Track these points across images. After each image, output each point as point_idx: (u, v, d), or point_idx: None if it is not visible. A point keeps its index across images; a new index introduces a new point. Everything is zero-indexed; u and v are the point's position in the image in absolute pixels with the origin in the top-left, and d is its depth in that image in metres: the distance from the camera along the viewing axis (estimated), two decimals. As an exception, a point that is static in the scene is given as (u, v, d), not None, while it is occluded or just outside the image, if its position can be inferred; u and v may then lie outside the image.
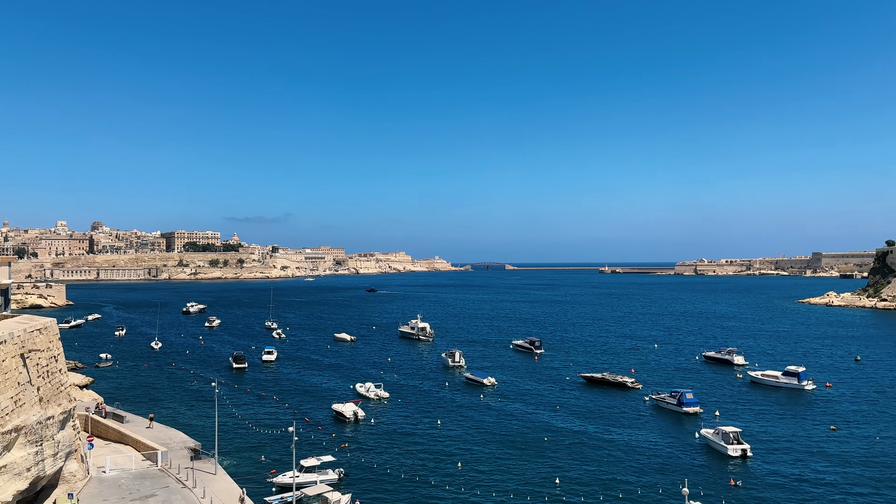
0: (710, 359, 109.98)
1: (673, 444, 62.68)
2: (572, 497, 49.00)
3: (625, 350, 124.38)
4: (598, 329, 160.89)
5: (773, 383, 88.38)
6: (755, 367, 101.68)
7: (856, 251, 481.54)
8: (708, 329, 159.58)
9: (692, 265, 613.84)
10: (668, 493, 48.92)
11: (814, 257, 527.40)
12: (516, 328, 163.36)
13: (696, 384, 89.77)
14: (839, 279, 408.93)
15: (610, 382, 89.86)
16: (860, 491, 49.86)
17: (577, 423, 70.45)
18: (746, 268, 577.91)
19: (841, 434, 65.43)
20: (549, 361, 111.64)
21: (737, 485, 51.24)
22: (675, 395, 76.52)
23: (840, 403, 78.62)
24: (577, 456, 59.05)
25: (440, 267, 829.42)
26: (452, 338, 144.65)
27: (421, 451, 60.89)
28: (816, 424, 69.16)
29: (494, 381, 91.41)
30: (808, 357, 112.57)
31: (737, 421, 69.68)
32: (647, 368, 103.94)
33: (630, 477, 53.39)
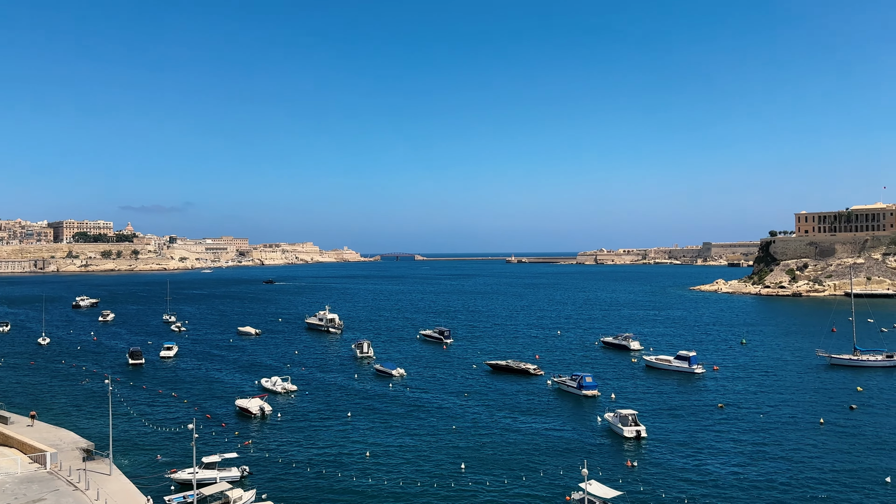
0: (609, 344, 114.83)
1: (575, 427, 65.15)
2: (478, 482, 50.10)
3: (530, 337, 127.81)
4: (505, 318, 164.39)
5: (666, 367, 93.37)
6: (650, 351, 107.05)
7: (742, 241, 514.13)
8: (607, 316, 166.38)
9: (593, 255, 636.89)
10: (570, 474, 50.87)
11: (704, 247, 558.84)
12: (426, 319, 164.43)
13: (595, 368, 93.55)
14: (727, 267, 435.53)
15: (514, 369, 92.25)
16: (747, 463, 53.61)
17: (484, 410, 71.93)
18: (643, 257, 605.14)
19: (728, 411, 70.04)
20: (458, 350, 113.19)
21: (633, 465, 53.88)
22: (575, 379, 79.52)
23: (727, 384, 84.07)
24: (483, 441, 60.34)
25: (349, 258, 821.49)
26: (362, 329, 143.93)
27: (329, 444, 60.45)
28: (706, 404, 73.69)
29: (403, 372, 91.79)
30: (699, 341, 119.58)
31: (632, 403, 73.18)
32: (550, 354, 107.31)
33: (534, 459, 55.12)
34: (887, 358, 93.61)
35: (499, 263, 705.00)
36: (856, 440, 59.65)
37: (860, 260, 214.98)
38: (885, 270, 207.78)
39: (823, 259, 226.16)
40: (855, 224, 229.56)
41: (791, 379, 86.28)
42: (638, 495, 47.05)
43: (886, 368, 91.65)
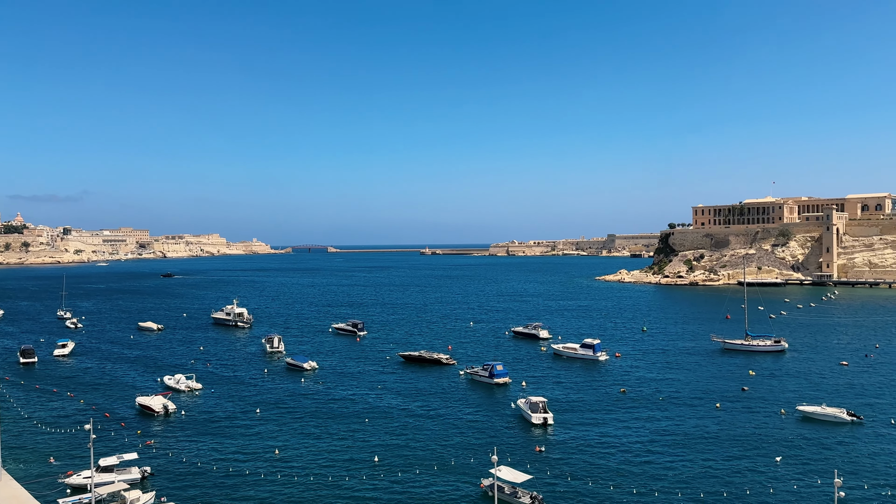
0: (519, 333, 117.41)
1: (487, 415, 66.26)
2: (390, 473, 50.13)
3: (443, 328, 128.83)
4: (419, 309, 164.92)
5: (573, 354, 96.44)
6: (558, 340, 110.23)
7: (644, 233, 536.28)
8: (518, 306, 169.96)
9: (504, 246, 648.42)
10: (481, 462, 51.74)
11: (609, 239, 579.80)
12: (339, 312, 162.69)
13: (506, 357, 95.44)
14: (630, 258, 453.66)
15: (427, 360, 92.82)
16: (647, 445, 56.17)
17: (397, 401, 71.99)
18: (552, 248, 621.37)
19: (630, 396, 73.13)
20: (371, 343, 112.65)
21: (541, 450, 55.42)
22: (486, 368, 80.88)
23: (629, 369, 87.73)
24: (397, 432, 60.41)
25: (258, 250, 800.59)
26: (272, 323, 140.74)
27: (237, 442, 58.83)
28: (609, 389, 76.66)
29: (315, 366, 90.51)
30: (604, 329, 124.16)
31: (541, 390, 75.17)
32: (463, 344, 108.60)
33: (446, 448, 55.69)
34: (775, 343, 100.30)
35: (413, 255, 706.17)
36: (748, 422, 63.63)
37: (752, 251, 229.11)
38: (773, 260, 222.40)
39: (718, 250, 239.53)
40: (747, 217, 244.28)
41: (688, 364, 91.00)
42: (545, 478, 48.45)
43: (774, 353, 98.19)
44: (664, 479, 48.83)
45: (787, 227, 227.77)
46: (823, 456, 53.11)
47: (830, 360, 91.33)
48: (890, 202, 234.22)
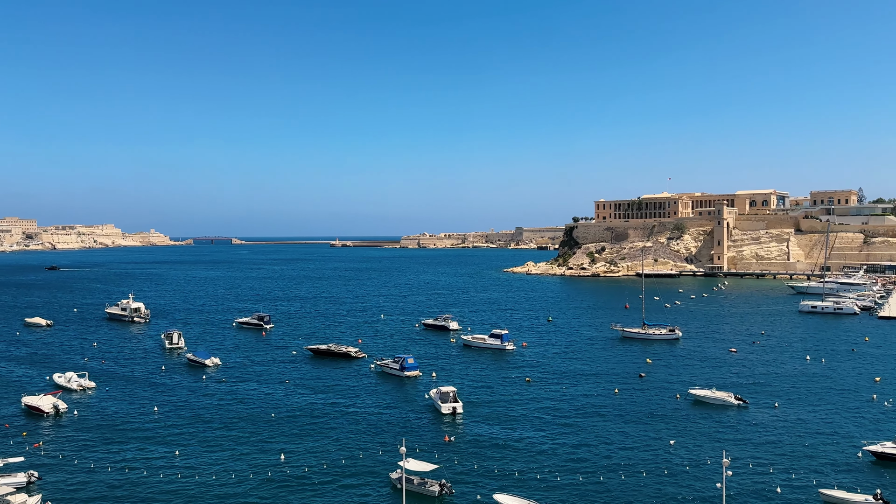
0: (429, 326, 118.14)
1: (397, 407, 66.31)
2: (297, 469, 49.34)
3: (354, 322, 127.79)
4: (328, 302, 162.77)
5: (482, 345, 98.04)
6: (467, 331, 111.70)
7: (550, 226, 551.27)
8: (429, 298, 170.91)
9: (416, 238, 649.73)
10: (389, 454, 51.75)
11: (517, 231, 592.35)
12: (244, 306, 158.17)
13: (416, 349, 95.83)
14: (537, 251, 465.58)
15: (336, 353, 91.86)
16: (551, 432, 57.88)
17: (305, 396, 70.85)
18: (462, 241, 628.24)
19: (535, 385, 75.12)
20: (278, 337, 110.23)
21: (450, 440, 56.07)
22: (397, 361, 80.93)
23: (535, 359, 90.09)
24: (305, 428, 59.47)
25: (157, 241, 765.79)
26: (172, 318, 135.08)
27: (133, 442, 56.18)
28: (515, 378, 78.45)
29: (218, 362, 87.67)
30: (511, 320, 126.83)
31: (452, 380, 75.99)
32: (373, 337, 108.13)
33: (355, 442, 55.33)
34: (669, 332, 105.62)
35: (323, 247, 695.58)
36: (645, 406, 66.76)
37: (649, 243, 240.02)
38: (669, 253, 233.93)
39: (619, 243, 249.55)
40: (645, 211, 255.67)
41: (590, 352, 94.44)
42: (453, 467, 49.08)
43: (669, 340, 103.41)
44: (567, 463, 50.51)
45: (681, 221, 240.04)
46: (713, 437, 56.48)
47: (721, 347, 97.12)
48: (775, 198, 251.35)
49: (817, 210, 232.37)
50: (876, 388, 71.68)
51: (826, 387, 72.76)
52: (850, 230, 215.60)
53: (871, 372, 79.05)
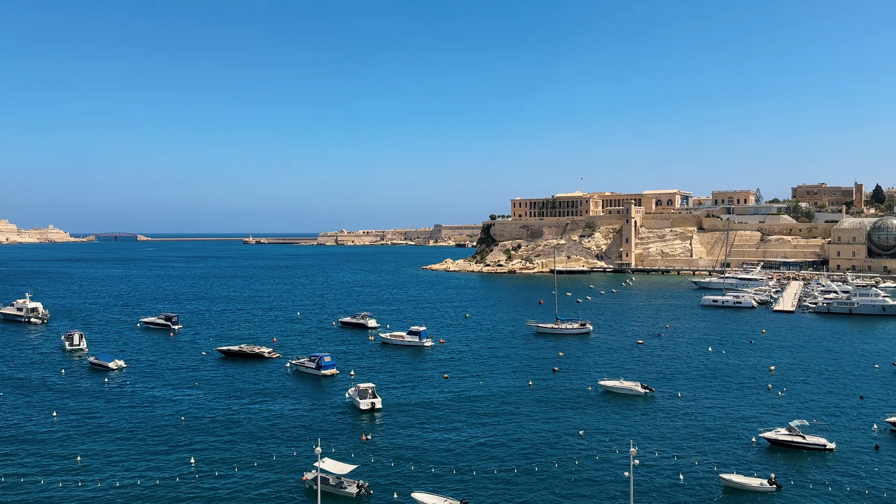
0: (347, 324, 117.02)
1: (314, 407, 65.31)
2: (207, 475, 47.81)
3: (268, 320, 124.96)
4: (242, 301, 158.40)
5: (400, 342, 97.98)
6: (386, 328, 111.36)
7: (468, 224, 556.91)
8: (347, 296, 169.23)
9: (333, 235, 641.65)
10: (304, 455, 50.94)
11: (436, 229, 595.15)
12: (151, 306, 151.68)
13: (333, 348, 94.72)
14: (455, 248, 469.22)
15: (248, 354, 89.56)
16: (468, 426, 58.51)
17: (217, 399, 68.71)
18: (381, 238, 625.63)
19: (452, 381, 75.76)
20: (187, 338, 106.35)
21: (367, 438, 55.77)
22: (314, 360, 79.75)
23: (453, 355, 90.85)
24: (215, 432, 57.69)
25: (56, 238, 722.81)
26: (72, 318, 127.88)
27: (31, 450, 52.84)
28: (433, 375, 78.87)
29: (123, 364, 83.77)
30: (430, 317, 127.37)
31: (370, 378, 75.55)
32: (289, 337, 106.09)
33: (270, 444, 54.13)
34: (581, 326, 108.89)
35: (235, 244, 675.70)
36: (557, 399, 68.56)
37: (562, 241, 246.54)
38: (581, 250, 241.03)
39: (534, 240, 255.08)
40: (559, 209, 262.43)
41: (506, 347, 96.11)
42: (371, 466, 48.85)
43: (581, 334, 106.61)
44: (482, 457, 51.24)
45: (592, 219, 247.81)
46: (621, 426, 58.67)
47: (629, 340, 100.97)
48: (679, 198, 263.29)
49: (718, 209, 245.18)
50: (771, 377, 76.38)
51: (726, 376, 76.94)
52: (748, 228, 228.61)
53: (767, 362, 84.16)
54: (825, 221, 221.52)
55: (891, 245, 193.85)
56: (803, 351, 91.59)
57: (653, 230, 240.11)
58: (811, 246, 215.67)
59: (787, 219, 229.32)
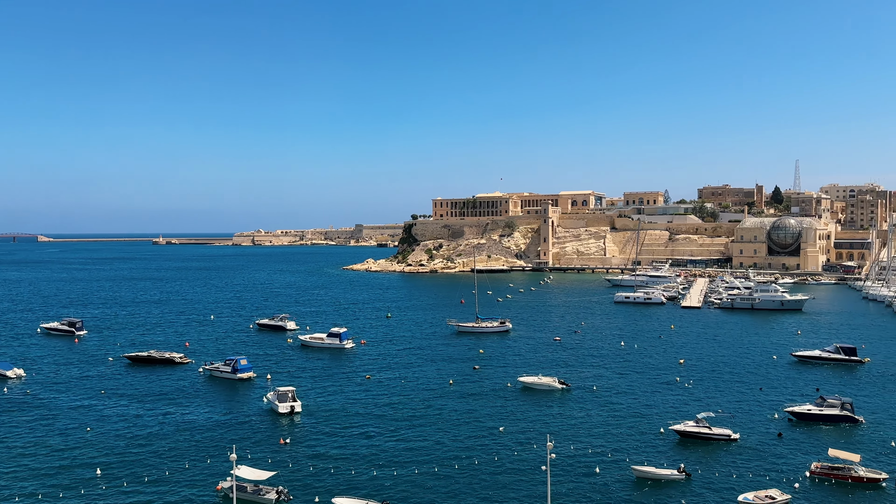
0: (264, 326, 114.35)
1: (230, 412, 63.43)
2: (114, 486, 45.62)
3: (180, 324, 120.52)
4: (152, 305, 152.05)
5: (320, 345, 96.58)
6: (306, 330, 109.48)
7: (390, 223, 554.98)
8: (265, 298, 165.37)
9: (250, 235, 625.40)
10: (220, 462, 49.40)
11: (357, 228, 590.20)
12: (53, 310, 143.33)
13: (250, 351, 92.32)
14: (377, 248, 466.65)
15: (158, 360, 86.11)
16: (391, 427, 58.26)
17: (125, 407, 65.66)
18: (300, 238, 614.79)
19: (374, 381, 75.31)
20: (92, 344, 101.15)
21: (286, 442, 54.67)
22: (229, 364, 77.48)
23: (374, 356, 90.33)
24: (124, 441, 55.11)
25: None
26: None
27: (-88, 469, 48.86)
28: (355, 376, 78.18)
29: (22, 373, 78.81)
30: (351, 318, 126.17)
31: (290, 381, 74.05)
32: (203, 341, 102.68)
33: (182, 452, 52.19)
34: (501, 324, 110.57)
35: (145, 245, 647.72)
36: (478, 396, 69.31)
37: (483, 240, 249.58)
38: (501, 249, 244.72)
39: (455, 240, 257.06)
40: (479, 209, 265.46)
41: (428, 347, 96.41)
42: (288, 471, 47.91)
43: (500, 332, 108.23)
44: (404, 457, 51.17)
45: (512, 219, 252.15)
46: (539, 421, 59.94)
47: (547, 337, 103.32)
48: (594, 199, 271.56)
49: (629, 210, 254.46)
50: (680, 371, 79.88)
51: (638, 370, 79.92)
52: (657, 228, 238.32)
53: (676, 356, 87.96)
54: (729, 221, 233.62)
55: (789, 243, 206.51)
56: (709, 345, 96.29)
57: (569, 230, 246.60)
58: (716, 244, 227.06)
59: (693, 219, 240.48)
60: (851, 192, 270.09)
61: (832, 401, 59.61)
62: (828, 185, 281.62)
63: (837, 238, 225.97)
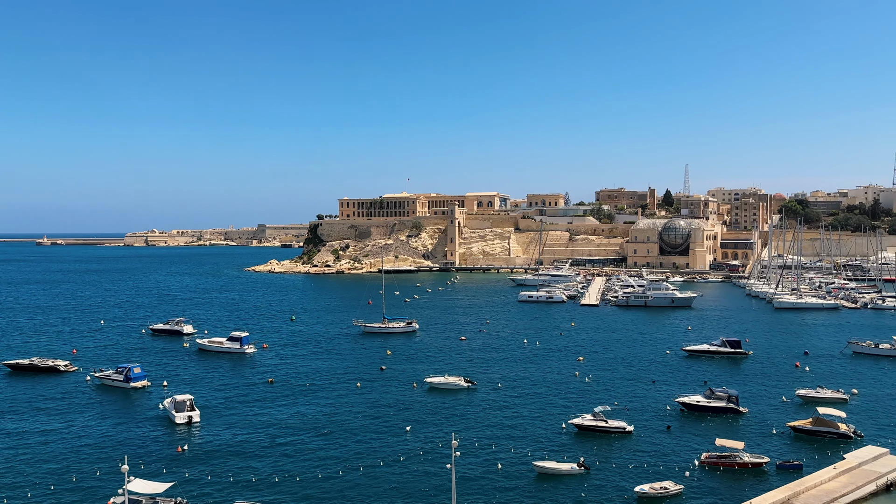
0: (159, 331, 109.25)
1: (123, 422, 60.13)
2: (-8, 506, 42.23)
3: (67, 330, 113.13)
4: (34, 310, 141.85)
5: (220, 349, 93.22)
6: (204, 334, 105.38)
7: (295, 223, 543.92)
8: (159, 301, 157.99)
9: (143, 236, 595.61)
10: (110, 476, 46.72)
11: (259, 228, 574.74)
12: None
13: (144, 358, 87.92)
14: (281, 248, 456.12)
15: (40, 368, 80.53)
16: (291, 428, 56.97)
17: (4, 420, 60.92)
18: (198, 238, 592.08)
19: (278, 386, 73.44)
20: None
21: (183, 450, 52.44)
22: (121, 371, 73.50)
23: (277, 360, 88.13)
24: (4, 456, 51.09)
25: None
26: None
27: None
28: (257, 381, 75.97)
29: None
30: (253, 321, 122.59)
31: (187, 388, 71.06)
32: (92, 347, 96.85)
33: (69, 467, 48.96)
34: (408, 324, 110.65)
35: (27, 246, 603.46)
36: (385, 397, 69.01)
37: (390, 241, 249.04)
38: (408, 249, 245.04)
39: (362, 240, 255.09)
40: (387, 210, 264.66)
41: (333, 349, 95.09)
42: (186, 482, 45.95)
43: (407, 333, 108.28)
44: (308, 461, 50.23)
45: (419, 220, 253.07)
46: (445, 420, 60.40)
47: (453, 336, 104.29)
48: (499, 200, 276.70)
49: (532, 211, 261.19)
50: (579, 366, 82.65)
51: (540, 367, 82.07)
52: (558, 229, 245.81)
53: (576, 353, 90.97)
54: (624, 222, 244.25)
55: (679, 244, 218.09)
56: (606, 341, 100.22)
57: (475, 230, 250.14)
58: (612, 245, 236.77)
59: (591, 220, 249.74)
60: (736, 195, 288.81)
61: (720, 393, 63.43)
62: (714, 189, 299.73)
63: (723, 238, 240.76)
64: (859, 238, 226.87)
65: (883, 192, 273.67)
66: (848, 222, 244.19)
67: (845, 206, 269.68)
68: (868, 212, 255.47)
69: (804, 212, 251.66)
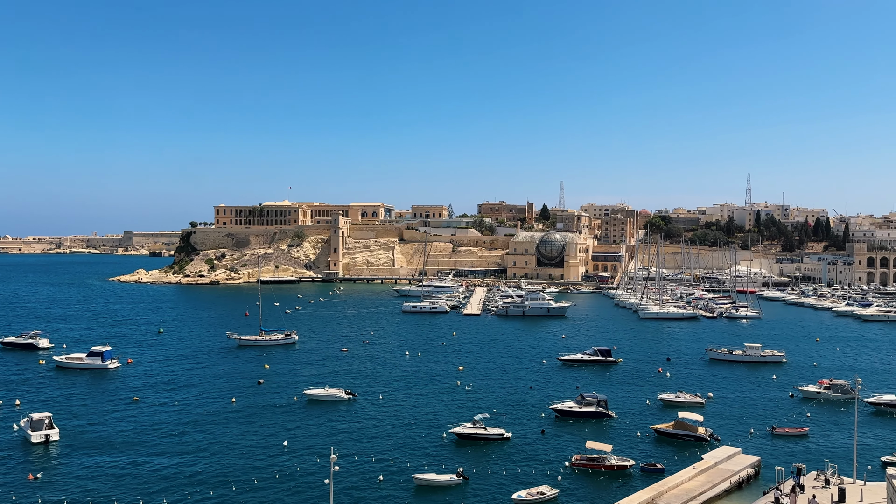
0: (10, 345, 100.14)
1: (-43, 450, 54.27)
2: None
3: None
4: None
5: (79, 365, 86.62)
6: (63, 349, 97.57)
7: (166, 231, 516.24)
8: (11, 313, 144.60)
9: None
10: (-53, 508, 42.12)
11: (126, 236, 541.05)
12: None
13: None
14: (150, 257, 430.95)
15: None
16: (163, 452, 53.75)
17: None
18: (57, 245, 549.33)
19: (144, 403, 69.17)
20: None
21: (37, 478, 48.18)
22: (-38, 393, 66.46)
23: (143, 376, 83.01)
24: None
25: None
26: None
27: None
28: (121, 398, 71.17)
29: None
30: (118, 335, 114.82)
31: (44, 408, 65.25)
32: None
33: None
34: (286, 336, 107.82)
35: None
36: (262, 412, 66.72)
37: (270, 250, 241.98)
38: (290, 259, 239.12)
39: (240, 249, 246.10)
40: (267, 218, 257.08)
41: (206, 363, 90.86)
42: (38, 512, 42.21)
43: (286, 345, 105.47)
44: (175, 484, 47.59)
45: (301, 229, 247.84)
46: (325, 433, 59.27)
47: (334, 347, 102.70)
48: (383, 210, 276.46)
49: (417, 222, 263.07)
50: (459, 375, 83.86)
51: (421, 377, 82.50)
52: (442, 240, 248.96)
53: (457, 362, 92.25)
54: (504, 235, 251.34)
55: (554, 256, 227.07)
56: (487, 350, 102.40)
57: (359, 241, 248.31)
58: (493, 256, 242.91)
59: (474, 232, 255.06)
60: (606, 211, 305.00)
61: (590, 398, 66.51)
62: (587, 204, 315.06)
63: (595, 252, 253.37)
64: (716, 252, 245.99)
65: (737, 210, 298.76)
66: (706, 238, 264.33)
67: (703, 223, 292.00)
68: (724, 228, 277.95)
69: (667, 227, 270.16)
